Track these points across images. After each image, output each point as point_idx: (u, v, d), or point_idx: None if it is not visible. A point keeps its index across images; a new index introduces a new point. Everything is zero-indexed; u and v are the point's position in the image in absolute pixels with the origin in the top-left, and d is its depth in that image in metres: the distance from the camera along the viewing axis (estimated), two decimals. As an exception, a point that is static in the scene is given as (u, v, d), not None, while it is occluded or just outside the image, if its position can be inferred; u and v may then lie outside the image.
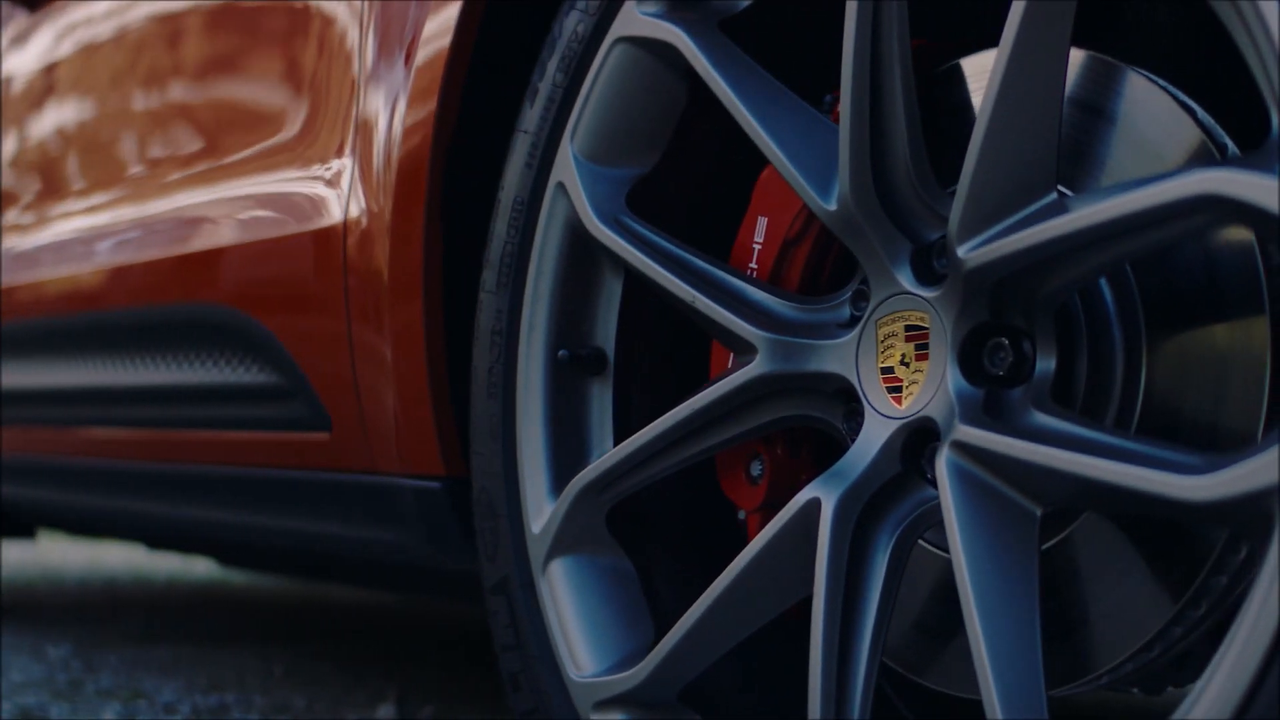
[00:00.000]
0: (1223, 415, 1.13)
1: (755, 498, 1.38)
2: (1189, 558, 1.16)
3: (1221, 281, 1.14)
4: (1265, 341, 1.11)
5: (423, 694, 2.72)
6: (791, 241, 1.37)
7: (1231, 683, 0.95)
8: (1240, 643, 0.94)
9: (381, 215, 1.70)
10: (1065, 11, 1.08)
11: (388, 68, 1.73)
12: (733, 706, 1.42)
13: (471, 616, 3.81)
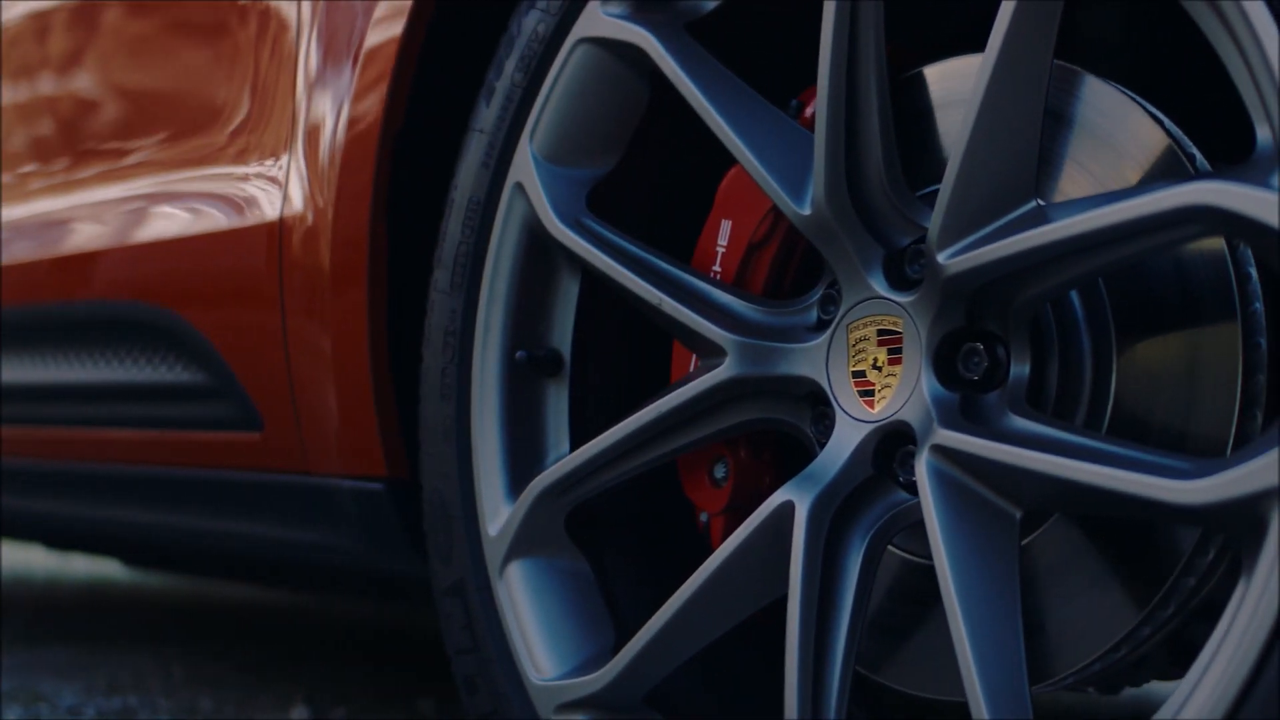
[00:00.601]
0: (1193, 422, 1.16)
1: (719, 500, 1.38)
2: (1158, 560, 1.18)
3: (1193, 289, 1.17)
4: (1236, 349, 1.14)
5: (330, 694, 2.69)
6: (757, 245, 1.37)
7: (1225, 682, 0.97)
8: (1235, 642, 0.97)
9: (324, 213, 1.68)
10: (1050, 21, 1.10)
11: (333, 63, 1.71)
12: (695, 709, 1.42)
13: (369, 615, 3.77)
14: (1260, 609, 0.95)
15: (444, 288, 1.52)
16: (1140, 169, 1.20)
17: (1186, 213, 1.01)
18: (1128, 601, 1.20)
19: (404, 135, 1.62)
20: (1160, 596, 1.18)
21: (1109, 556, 1.21)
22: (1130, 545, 1.20)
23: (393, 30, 1.60)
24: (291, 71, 1.79)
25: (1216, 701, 0.97)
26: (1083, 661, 1.22)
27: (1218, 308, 1.15)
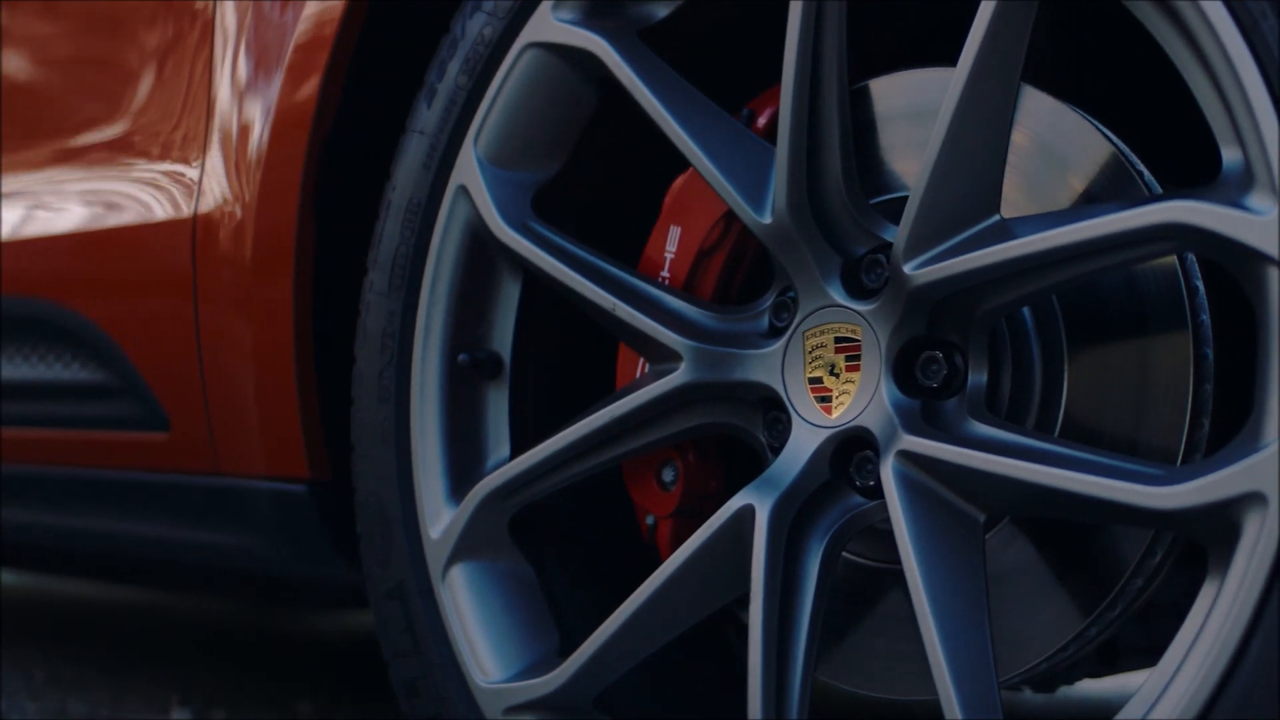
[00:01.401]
0: (1144, 430, 1.20)
1: (669, 503, 1.40)
2: (1107, 563, 1.23)
3: (1144, 301, 1.21)
4: (1188, 359, 1.19)
5: (205, 697, 2.64)
6: (707, 251, 1.39)
7: (1199, 681, 1.01)
8: (1209, 642, 1.01)
9: (248, 212, 1.66)
10: (1020, 40, 1.14)
11: (257, 61, 1.68)
12: (642, 711, 1.43)
13: (240, 617, 3.71)
14: (1235, 609, 1.00)
15: (381, 289, 1.51)
16: (1078, 173, 1.24)
17: (1161, 230, 1.05)
18: (1077, 603, 1.24)
19: (335, 133, 1.61)
20: (1110, 598, 1.22)
21: (1057, 561, 1.26)
22: (1078, 549, 1.24)
23: (324, 29, 1.59)
24: (208, 68, 1.76)
25: (1190, 701, 1.02)
26: (1032, 662, 1.27)
27: (1169, 319, 1.20)
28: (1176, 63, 1.09)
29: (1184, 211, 1.03)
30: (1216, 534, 1.03)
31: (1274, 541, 0.98)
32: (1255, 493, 0.99)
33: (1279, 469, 0.97)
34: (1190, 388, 1.18)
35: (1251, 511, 1.00)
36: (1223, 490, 1.01)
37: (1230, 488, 1.00)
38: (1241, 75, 1.01)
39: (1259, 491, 0.99)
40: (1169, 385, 1.20)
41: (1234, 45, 1.01)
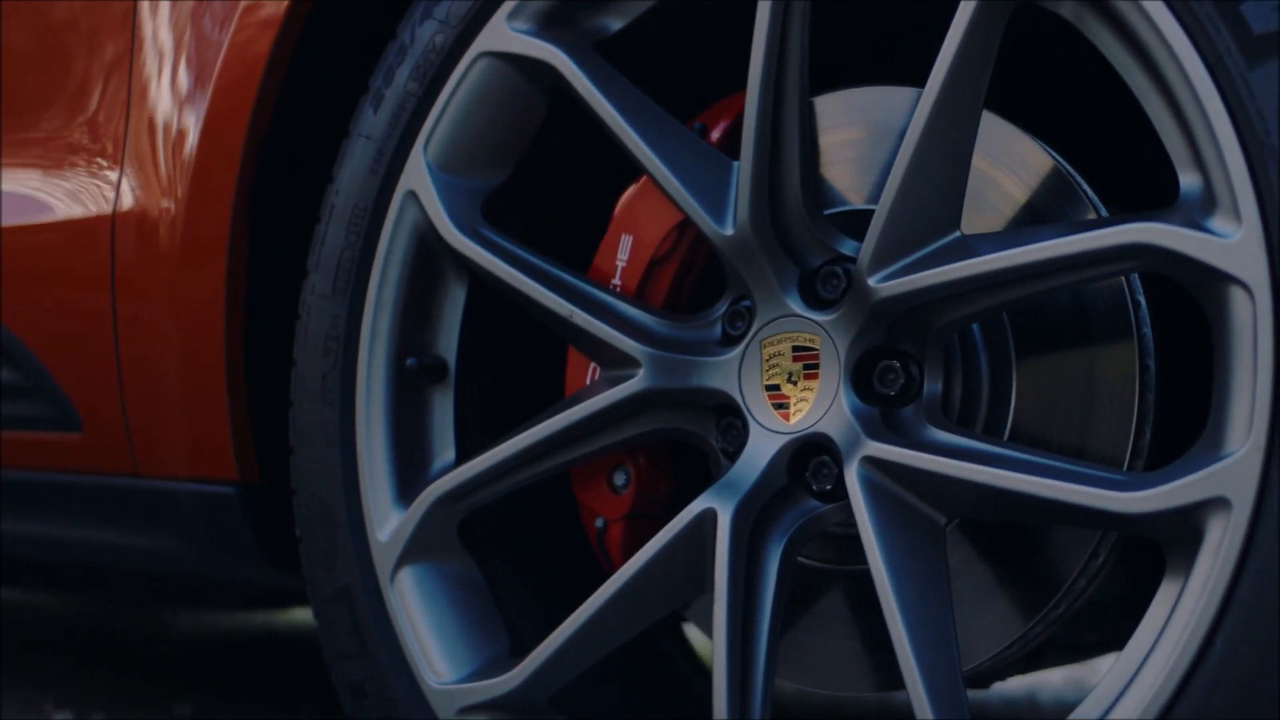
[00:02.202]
0: (1090, 439, 1.27)
1: (620, 507, 1.43)
2: (1055, 564, 1.29)
3: (1091, 315, 1.28)
4: (1133, 370, 1.25)
5: (81, 699, 2.60)
6: (659, 260, 1.42)
7: (1161, 680, 1.08)
8: (1173, 640, 1.08)
9: (177, 208, 1.65)
10: (986, 63, 1.19)
11: (186, 60, 1.67)
12: (596, 710, 1.46)
13: (108, 613, 3.64)
14: (1200, 608, 1.06)
15: (325, 293, 1.52)
16: (1018, 182, 1.30)
17: (1129, 250, 1.11)
18: (1024, 603, 1.31)
19: (270, 132, 1.61)
20: (1057, 598, 1.29)
21: (1005, 562, 1.32)
22: (1025, 551, 1.30)
23: (261, 32, 1.59)
24: (126, 68, 1.75)
25: (1155, 697, 1.08)
26: (981, 659, 1.32)
27: (1115, 332, 1.26)
28: (1135, 91, 1.15)
29: (1152, 233, 1.09)
30: (1178, 536, 1.09)
31: (1239, 543, 1.05)
32: (1219, 498, 1.06)
33: (1255, 474, 1.04)
34: (1136, 397, 1.25)
35: (1215, 515, 1.06)
36: (1188, 496, 1.07)
37: (1195, 493, 1.07)
38: (1207, 108, 1.07)
39: (1223, 496, 1.05)
40: (1115, 395, 1.26)
41: (1200, 80, 1.08)
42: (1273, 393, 1.04)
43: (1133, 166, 1.47)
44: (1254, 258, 1.05)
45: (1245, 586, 1.04)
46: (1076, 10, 1.17)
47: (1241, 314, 1.07)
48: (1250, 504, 1.04)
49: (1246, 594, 1.04)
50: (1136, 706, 1.08)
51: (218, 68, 1.62)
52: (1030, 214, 1.32)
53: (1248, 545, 1.04)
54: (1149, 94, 1.14)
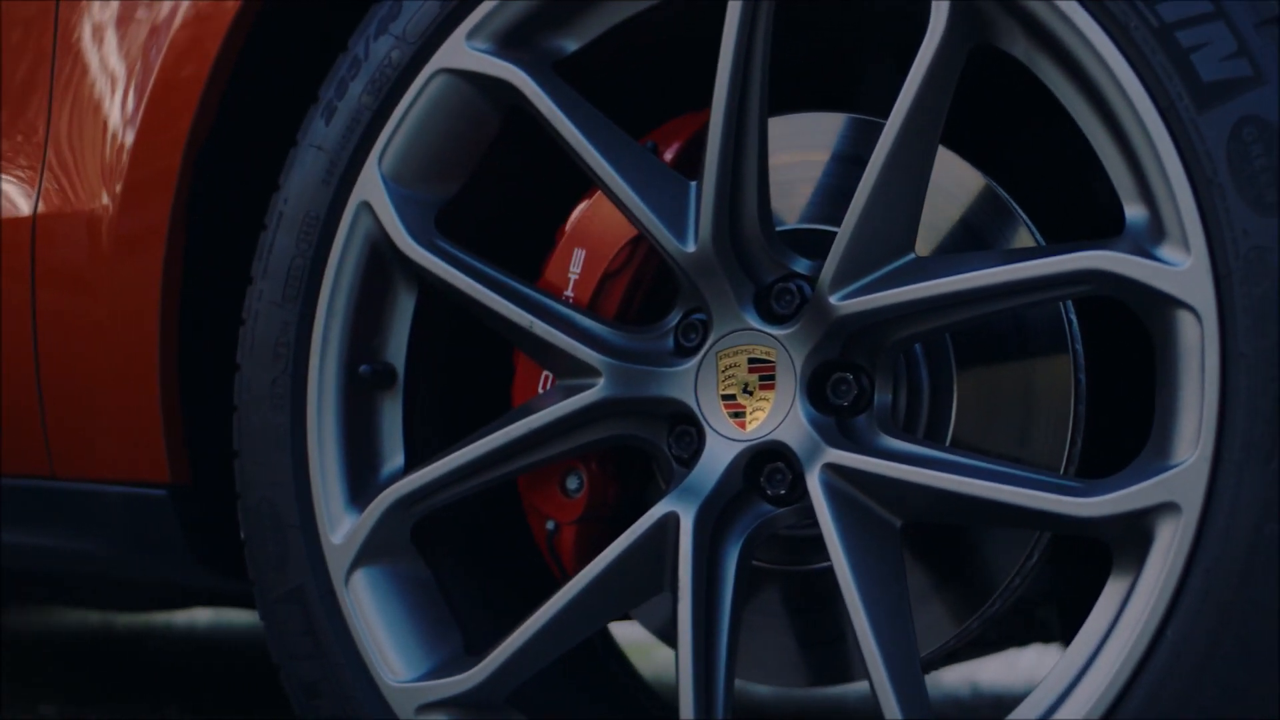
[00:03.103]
0: (1028, 447, 1.37)
1: (573, 510, 1.49)
2: (994, 563, 1.39)
3: (1029, 331, 1.38)
4: (1069, 381, 1.36)
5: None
6: (612, 274, 1.49)
7: (1111, 673, 1.18)
8: (1123, 638, 1.18)
9: (103, 210, 1.66)
10: (944, 98, 1.28)
11: (120, 63, 1.68)
12: (552, 707, 1.52)
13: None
14: (1152, 604, 1.16)
15: (274, 299, 1.54)
16: (957, 203, 1.40)
17: (1082, 275, 1.21)
18: (964, 599, 1.40)
19: (211, 139, 1.63)
20: (996, 595, 1.39)
21: (946, 562, 1.41)
22: (965, 552, 1.40)
23: (203, 37, 1.61)
24: (48, 68, 1.75)
25: (1108, 687, 1.18)
26: (925, 651, 1.42)
27: (1052, 348, 1.37)
28: (1083, 127, 1.25)
29: (1106, 260, 1.19)
30: (1129, 538, 1.19)
31: (1188, 545, 1.15)
32: (1170, 503, 1.16)
33: (1203, 481, 1.14)
34: (1072, 409, 1.36)
35: (1165, 519, 1.17)
36: (1140, 501, 1.17)
37: (1147, 499, 1.17)
38: (1159, 149, 1.18)
39: (1173, 502, 1.16)
40: (1051, 407, 1.37)
41: (1153, 124, 1.18)
42: (1219, 407, 1.15)
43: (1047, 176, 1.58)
44: (1202, 285, 1.16)
45: (1194, 583, 1.15)
46: (1028, 51, 1.27)
47: (1190, 336, 1.17)
48: (1199, 508, 1.15)
49: (1195, 590, 1.15)
50: (1093, 693, 1.18)
51: (156, 69, 1.64)
52: (964, 229, 1.42)
53: (1196, 546, 1.15)
54: (1097, 131, 1.24)
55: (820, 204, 1.50)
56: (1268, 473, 1.13)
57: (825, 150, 1.52)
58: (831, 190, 1.50)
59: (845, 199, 1.46)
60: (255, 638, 3.74)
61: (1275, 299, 1.13)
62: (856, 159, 1.50)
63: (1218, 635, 1.14)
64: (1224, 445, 1.15)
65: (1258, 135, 1.14)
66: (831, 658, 1.52)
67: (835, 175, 1.51)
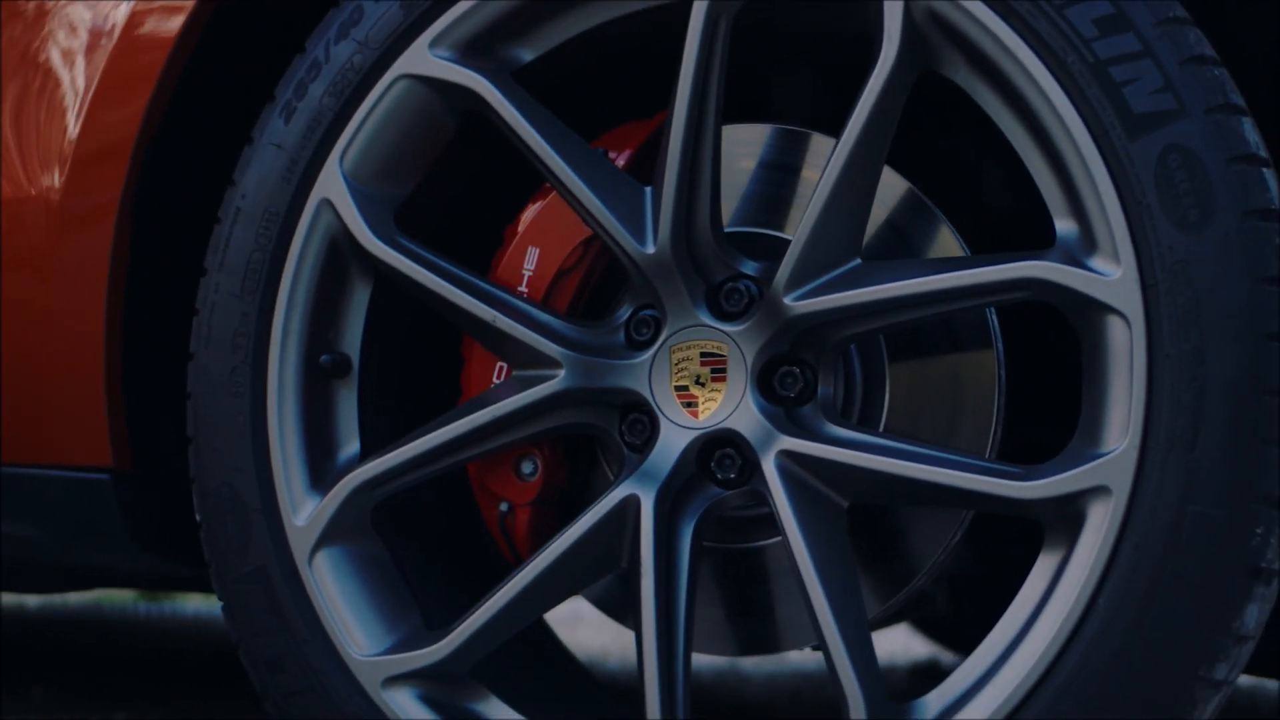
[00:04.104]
0: (954, 435, 1.51)
1: (528, 493, 1.58)
2: (923, 541, 1.53)
3: (956, 328, 1.52)
4: (993, 376, 1.51)
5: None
6: (565, 271, 1.59)
7: (1048, 638, 1.32)
8: (1059, 604, 1.32)
9: (52, 195, 1.70)
10: (894, 117, 1.41)
11: (60, 53, 1.72)
12: (510, 679, 1.61)
13: None
14: (1085, 576, 1.31)
15: (233, 291, 1.60)
16: (876, 203, 1.53)
17: (1020, 282, 1.35)
18: (894, 575, 1.54)
19: (160, 133, 1.68)
20: (924, 570, 1.53)
21: (878, 539, 1.55)
22: (896, 530, 1.54)
23: (158, 33, 1.67)
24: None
25: (1045, 650, 1.32)
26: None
27: (978, 346, 1.51)
28: (1018, 149, 1.39)
29: (1043, 269, 1.34)
30: (1062, 518, 1.34)
31: (1118, 523, 1.30)
32: (1102, 486, 1.31)
33: (1131, 467, 1.30)
34: (995, 401, 1.50)
35: (1097, 501, 1.32)
36: (1076, 485, 1.32)
37: (1082, 483, 1.32)
38: (1093, 172, 1.32)
39: (1105, 485, 1.31)
40: (977, 399, 1.51)
41: (1088, 149, 1.32)
42: (1146, 402, 1.30)
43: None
44: (1131, 293, 1.31)
45: (1123, 558, 1.30)
46: (968, 78, 1.41)
47: (1119, 339, 1.32)
48: (1128, 491, 1.30)
49: (1125, 563, 1.30)
50: (1035, 651, 1.33)
51: (102, 61, 1.68)
52: (890, 229, 1.55)
53: (1125, 525, 1.30)
54: (1031, 153, 1.38)
55: (751, 209, 1.62)
56: (1189, 460, 1.28)
57: (752, 159, 1.64)
58: (759, 196, 1.62)
59: (773, 204, 1.60)
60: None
61: (1195, 307, 1.29)
62: (782, 166, 1.62)
63: (1145, 603, 1.29)
64: (1150, 435, 1.30)
65: (1182, 162, 1.30)
66: (762, 629, 1.64)
67: (762, 182, 1.63)
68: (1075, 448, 1.35)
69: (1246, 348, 1.27)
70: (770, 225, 1.60)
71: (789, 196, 1.61)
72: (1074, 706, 1.31)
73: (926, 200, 1.56)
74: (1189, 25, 1.33)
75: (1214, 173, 1.29)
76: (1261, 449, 1.27)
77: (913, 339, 1.54)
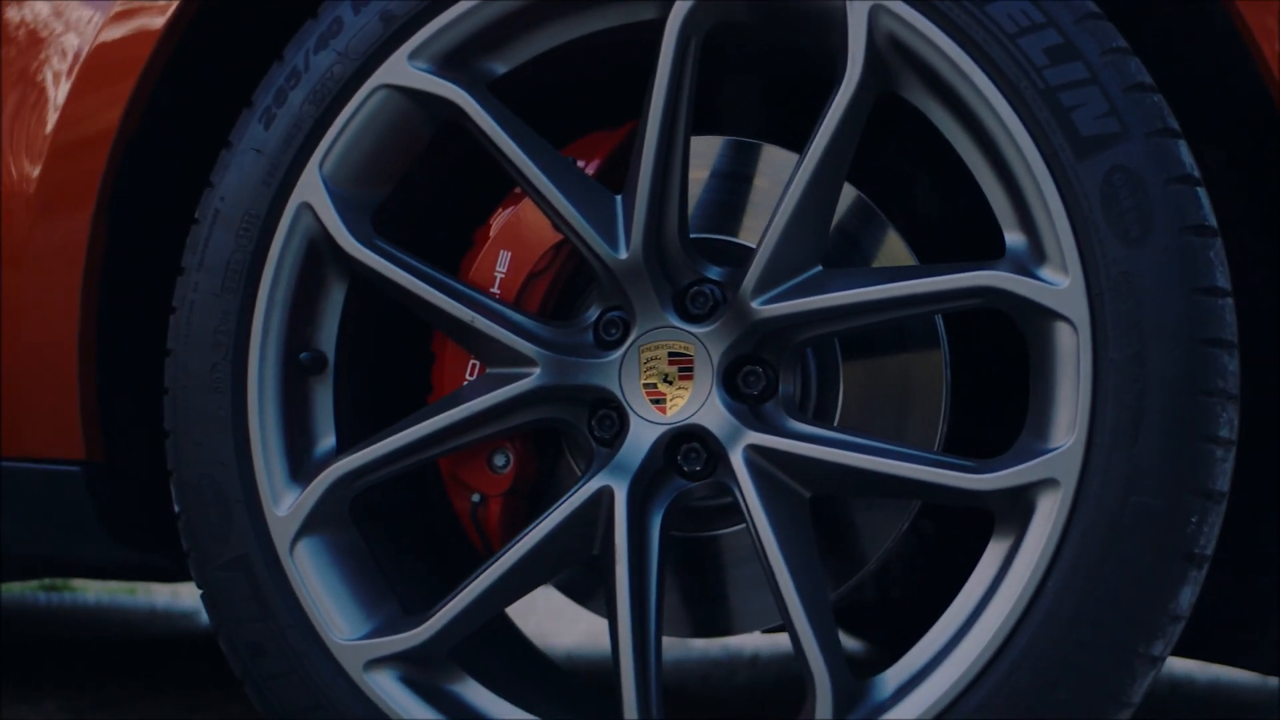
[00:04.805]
0: (905, 431, 1.62)
1: (501, 484, 1.67)
2: (873, 531, 1.64)
3: (907, 331, 1.63)
4: (940, 375, 1.62)
5: None
6: (536, 274, 1.67)
7: (1002, 616, 1.44)
8: (1011, 587, 1.44)
9: (32, 191, 1.75)
10: (855, 133, 1.51)
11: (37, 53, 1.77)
12: (485, 662, 1.69)
13: None
14: (1036, 560, 1.43)
15: (213, 290, 1.66)
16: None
17: (975, 290, 1.46)
18: (846, 562, 1.65)
19: (136, 136, 1.73)
20: (876, 558, 1.64)
21: (830, 529, 1.65)
22: (850, 521, 1.65)
23: (135, 37, 1.72)
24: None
25: (1000, 627, 1.44)
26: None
27: (926, 347, 1.62)
28: (969, 164, 1.50)
29: (997, 278, 1.45)
30: (1013, 508, 1.46)
31: (1065, 513, 1.42)
32: (1051, 479, 1.43)
33: (1078, 461, 1.42)
34: (942, 398, 1.62)
35: (1046, 492, 1.43)
36: (1027, 477, 1.44)
37: (1033, 475, 1.44)
38: (1043, 189, 1.44)
39: (1054, 478, 1.43)
40: (925, 398, 1.62)
41: (1039, 168, 1.44)
42: (1091, 401, 1.42)
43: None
44: (1079, 301, 1.43)
45: (1071, 544, 1.42)
46: (924, 100, 1.51)
47: (1066, 343, 1.44)
48: (1074, 483, 1.42)
49: (1072, 549, 1.42)
50: (990, 627, 1.44)
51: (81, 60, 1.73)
52: (839, 233, 1.66)
53: (1073, 513, 1.42)
54: (983, 170, 1.49)
55: (705, 216, 1.71)
56: (1131, 455, 1.40)
57: (705, 169, 1.73)
58: (712, 204, 1.72)
59: (727, 211, 1.70)
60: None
61: (1137, 314, 1.41)
62: (733, 175, 1.72)
63: (1091, 585, 1.41)
64: (1096, 432, 1.42)
65: (1125, 181, 1.42)
66: (716, 613, 1.74)
67: (715, 190, 1.72)
68: (1025, 443, 1.47)
69: (1183, 352, 1.40)
70: (724, 231, 1.70)
71: (741, 204, 1.71)
72: (1027, 679, 1.42)
73: (874, 207, 1.67)
74: (1130, 55, 1.45)
75: (1154, 191, 1.41)
76: (1197, 445, 1.40)
77: (865, 340, 1.65)
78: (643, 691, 1.53)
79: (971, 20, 1.46)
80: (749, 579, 1.70)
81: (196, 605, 4.05)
